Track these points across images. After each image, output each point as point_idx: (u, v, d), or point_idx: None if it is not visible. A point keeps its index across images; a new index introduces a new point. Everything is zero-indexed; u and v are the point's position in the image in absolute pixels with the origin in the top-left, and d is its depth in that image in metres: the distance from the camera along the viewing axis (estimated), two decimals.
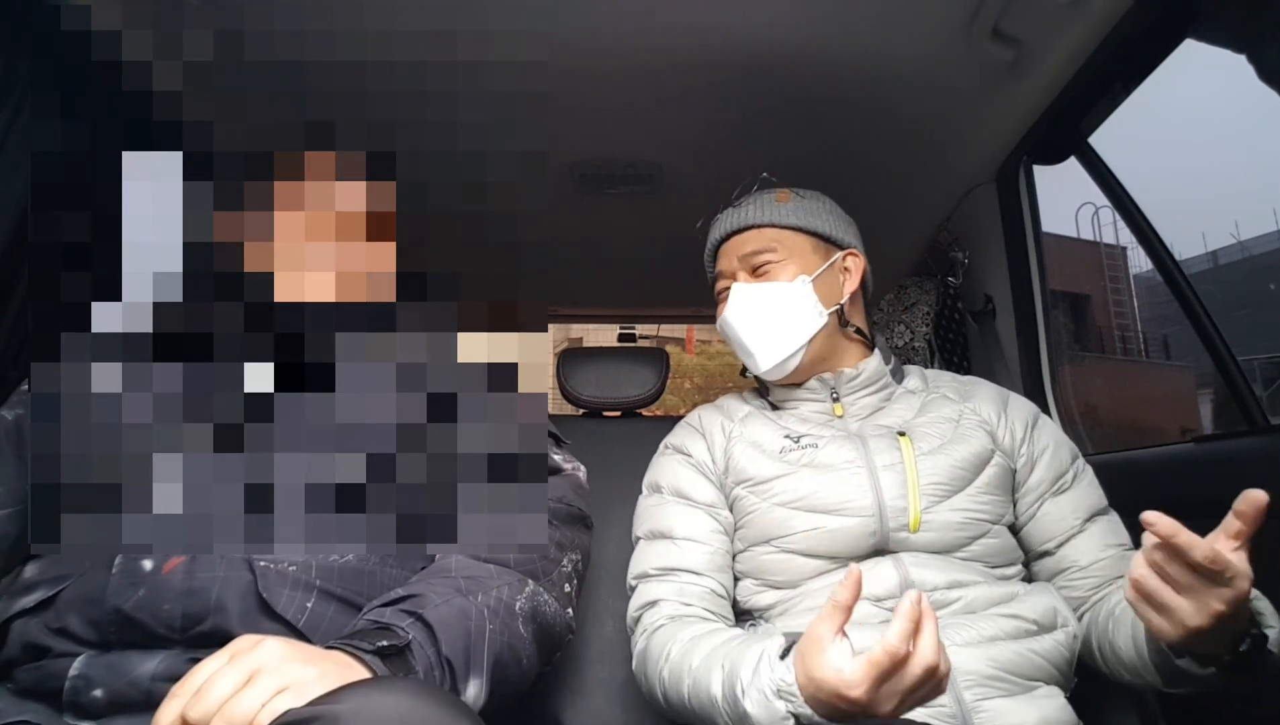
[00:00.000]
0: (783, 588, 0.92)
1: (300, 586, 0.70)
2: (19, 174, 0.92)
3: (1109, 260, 12.54)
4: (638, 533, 1.01)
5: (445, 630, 0.64)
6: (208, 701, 0.48)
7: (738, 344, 1.02)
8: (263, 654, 0.51)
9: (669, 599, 0.92)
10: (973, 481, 0.91)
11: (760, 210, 1.04)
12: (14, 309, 0.96)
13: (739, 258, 1.03)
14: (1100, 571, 0.90)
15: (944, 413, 0.98)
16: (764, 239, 1.02)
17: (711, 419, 1.06)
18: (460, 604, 0.67)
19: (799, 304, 0.99)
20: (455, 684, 0.63)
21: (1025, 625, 0.83)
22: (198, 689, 0.49)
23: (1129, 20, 1.01)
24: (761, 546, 0.93)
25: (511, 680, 0.70)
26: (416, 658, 0.60)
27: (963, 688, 0.78)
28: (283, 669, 0.50)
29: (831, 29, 1.09)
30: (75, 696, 0.65)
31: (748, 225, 1.04)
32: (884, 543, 0.89)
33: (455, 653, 0.63)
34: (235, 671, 0.50)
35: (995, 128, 1.31)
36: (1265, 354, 8.22)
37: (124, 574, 0.68)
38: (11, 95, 0.93)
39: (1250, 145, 41.35)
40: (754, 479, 0.95)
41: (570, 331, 8.05)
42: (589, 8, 1.04)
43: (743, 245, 1.03)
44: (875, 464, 0.91)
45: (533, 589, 0.76)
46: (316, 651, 0.55)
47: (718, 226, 1.08)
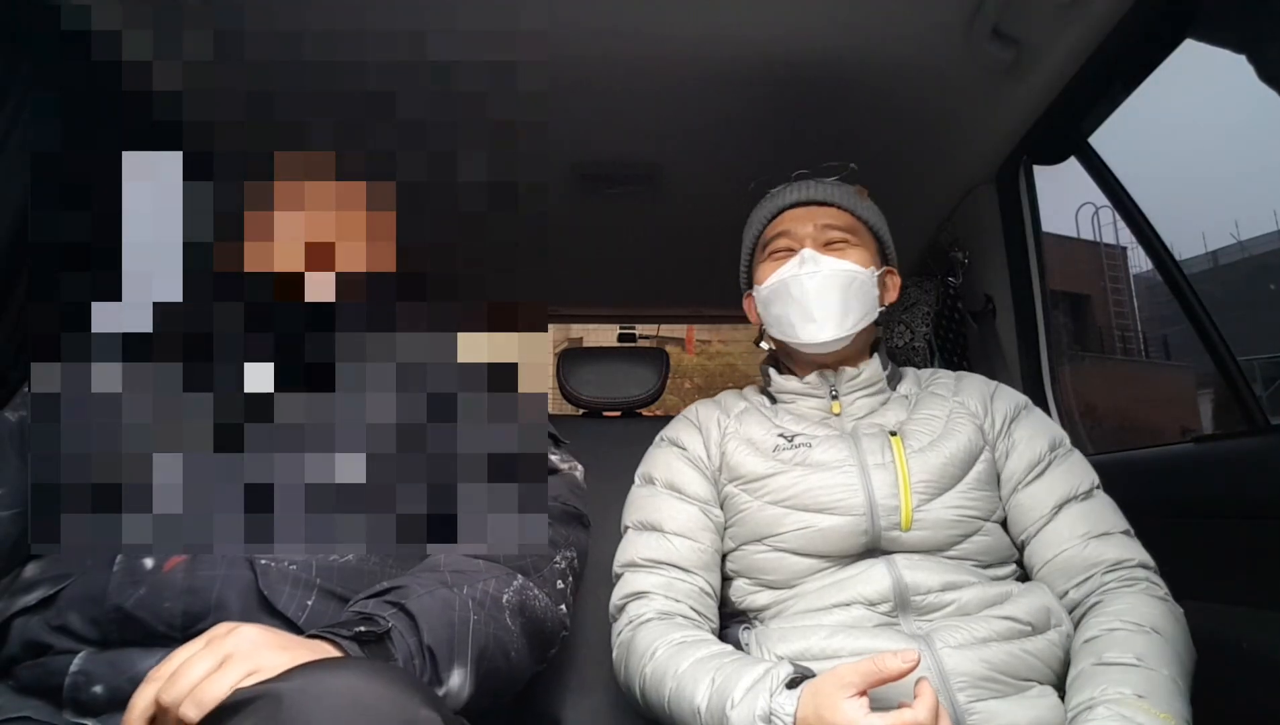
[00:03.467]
0: (778, 587, 0.92)
1: (301, 584, 0.70)
2: (19, 174, 0.92)
3: (1109, 260, 12.55)
4: (627, 522, 1.01)
5: (427, 619, 0.64)
6: (180, 684, 0.50)
7: (799, 307, 0.98)
8: (237, 639, 0.52)
9: (657, 593, 0.91)
10: (963, 477, 0.92)
11: (845, 195, 1.05)
12: (14, 309, 0.96)
13: (815, 226, 1.02)
14: (1065, 562, 0.88)
15: (934, 410, 0.98)
16: (845, 220, 1.03)
17: (708, 414, 1.06)
18: (444, 595, 0.68)
19: (869, 291, 1.00)
20: (437, 673, 0.63)
21: (1018, 626, 0.83)
22: (171, 673, 0.51)
23: (1129, 20, 1.01)
24: (753, 545, 0.94)
25: (500, 672, 0.70)
26: (396, 646, 0.61)
27: (956, 689, 0.78)
28: (255, 654, 0.51)
29: (831, 29, 1.09)
30: (75, 693, 0.65)
31: (833, 202, 1.04)
32: (876, 542, 0.89)
33: (437, 641, 0.63)
34: (209, 656, 0.51)
35: (995, 128, 1.31)
36: (1265, 354, 8.22)
37: (125, 572, 0.69)
38: (11, 95, 0.93)
39: (1250, 145, 41.35)
40: (746, 476, 0.96)
41: (570, 331, 8.05)
42: (589, 8, 1.04)
43: (822, 216, 1.03)
44: (867, 463, 0.92)
45: (521, 583, 0.76)
46: (293, 638, 0.55)
47: (796, 190, 1.06)
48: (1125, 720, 0.70)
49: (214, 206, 0.71)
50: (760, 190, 1.11)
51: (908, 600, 0.86)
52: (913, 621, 0.86)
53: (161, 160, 0.70)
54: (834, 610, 0.87)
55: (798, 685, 0.71)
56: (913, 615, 0.86)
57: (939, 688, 0.77)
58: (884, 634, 0.83)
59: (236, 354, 0.70)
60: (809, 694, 0.69)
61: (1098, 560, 0.87)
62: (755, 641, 0.87)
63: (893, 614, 0.86)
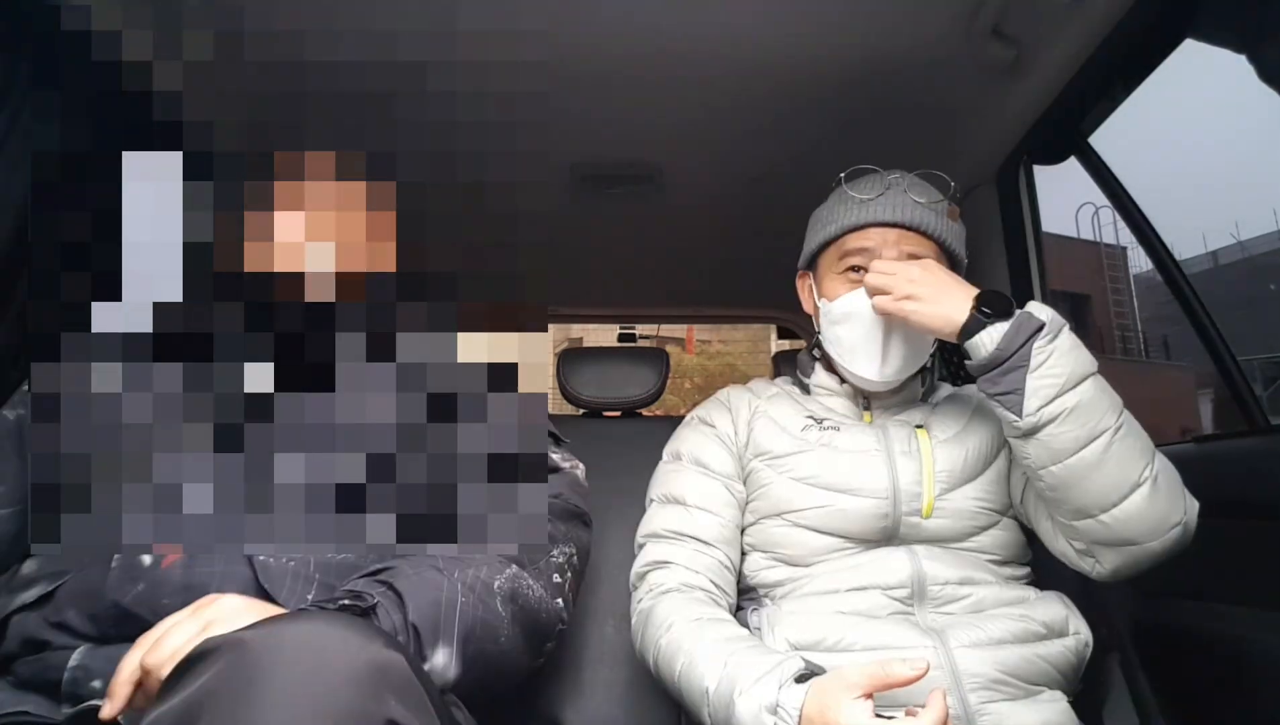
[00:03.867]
0: (793, 563, 0.93)
1: (301, 579, 0.71)
2: (19, 174, 0.92)
3: (1109, 260, 12.55)
4: (651, 495, 1.02)
5: (414, 597, 0.65)
6: (163, 648, 0.53)
7: (868, 339, 0.93)
8: (218, 607, 0.56)
9: (679, 564, 0.92)
10: (984, 471, 0.93)
11: (937, 220, 0.96)
12: (14, 309, 0.96)
13: (900, 252, 0.94)
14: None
15: (960, 407, 1.00)
16: (928, 249, 0.95)
17: (739, 396, 1.07)
18: (433, 577, 0.69)
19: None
20: (421, 649, 0.64)
21: (1034, 628, 0.83)
22: (157, 638, 0.54)
23: (1129, 20, 1.01)
24: (772, 519, 0.94)
25: (489, 656, 0.70)
26: (381, 621, 0.62)
27: (968, 690, 0.78)
28: (236, 619, 0.54)
29: (831, 29, 1.09)
30: (74, 688, 0.65)
31: (924, 229, 0.95)
32: (895, 527, 0.89)
33: (423, 619, 0.64)
34: (193, 623, 0.54)
35: (995, 128, 1.31)
36: (1265, 354, 8.20)
37: (123, 569, 0.69)
38: (11, 95, 0.93)
39: (1250, 145, 41.35)
40: (771, 453, 0.96)
41: (570, 331, 8.05)
42: (589, 8, 1.04)
43: (909, 243, 0.94)
44: (894, 450, 0.93)
45: (514, 572, 0.77)
46: (276, 609, 0.58)
47: (888, 206, 0.96)
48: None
49: (214, 206, 0.71)
50: (851, 177, 1.01)
51: (925, 590, 0.86)
52: (928, 613, 0.86)
53: (161, 160, 0.70)
54: (849, 594, 0.87)
55: (807, 680, 0.71)
56: (929, 607, 0.86)
57: (951, 687, 0.77)
58: (899, 625, 0.84)
59: (236, 354, 0.70)
60: (815, 691, 0.69)
61: None
62: (766, 624, 0.87)
63: (909, 602, 0.86)
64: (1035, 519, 0.91)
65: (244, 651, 0.45)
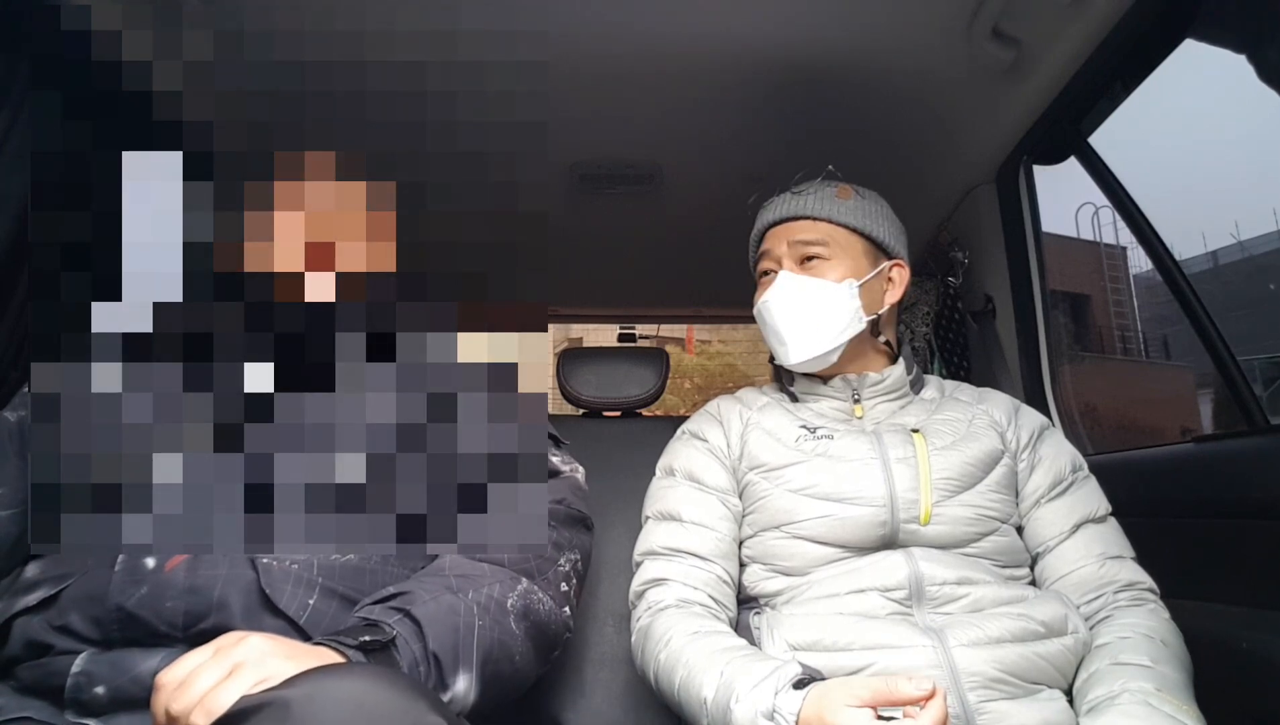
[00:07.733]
0: (791, 574, 0.92)
1: (303, 584, 0.70)
2: (19, 174, 0.92)
3: (1109, 260, 12.54)
4: (647, 512, 1.02)
5: (432, 625, 0.64)
6: (189, 694, 0.50)
7: (772, 331, 1.01)
8: (246, 649, 0.53)
9: (676, 580, 0.92)
10: (983, 479, 0.93)
11: (820, 202, 1.02)
12: (14, 309, 0.96)
13: (789, 243, 1.02)
14: (1080, 578, 0.90)
15: (957, 413, 0.99)
16: (818, 232, 1.01)
17: (730, 407, 1.07)
18: (449, 601, 0.68)
19: (843, 306, 0.98)
20: (442, 678, 0.63)
21: (1033, 627, 0.83)
22: (180, 681, 0.51)
23: (1129, 20, 1.01)
24: (771, 532, 0.94)
25: (505, 676, 0.70)
26: (401, 653, 0.61)
27: (967, 689, 0.78)
28: (263, 662, 0.52)
29: (832, 29, 1.09)
30: (77, 694, 0.65)
31: (805, 215, 1.02)
32: (893, 534, 0.89)
33: (442, 647, 0.64)
34: (218, 666, 0.51)
35: (995, 128, 1.31)
36: (1265, 354, 8.21)
37: (127, 572, 0.69)
38: (11, 95, 0.93)
39: (1250, 145, 41.34)
40: (767, 465, 0.96)
41: (570, 331, 8.05)
42: (589, 8, 1.04)
43: (795, 232, 1.02)
44: (889, 457, 0.92)
45: (526, 587, 0.76)
46: (300, 646, 0.56)
47: (772, 208, 1.06)
48: (1152, 709, 0.71)
49: (214, 206, 0.71)
50: (756, 206, 1.11)
51: (923, 590, 0.86)
52: (927, 613, 0.86)
53: (161, 160, 0.70)
54: (848, 597, 0.87)
55: (804, 686, 0.71)
56: (927, 607, 0.86)
57: (950, 686, 0.77)
58: (898, 625, 0.84)
59: (236, 354, 0.70)
60: (815, 696, 0.69)
61: (1112, 579, 0.90)
62: (766, 627, 0.87)
63: (907, 603, 0.86)
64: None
65: (290, 713, 0.44)
